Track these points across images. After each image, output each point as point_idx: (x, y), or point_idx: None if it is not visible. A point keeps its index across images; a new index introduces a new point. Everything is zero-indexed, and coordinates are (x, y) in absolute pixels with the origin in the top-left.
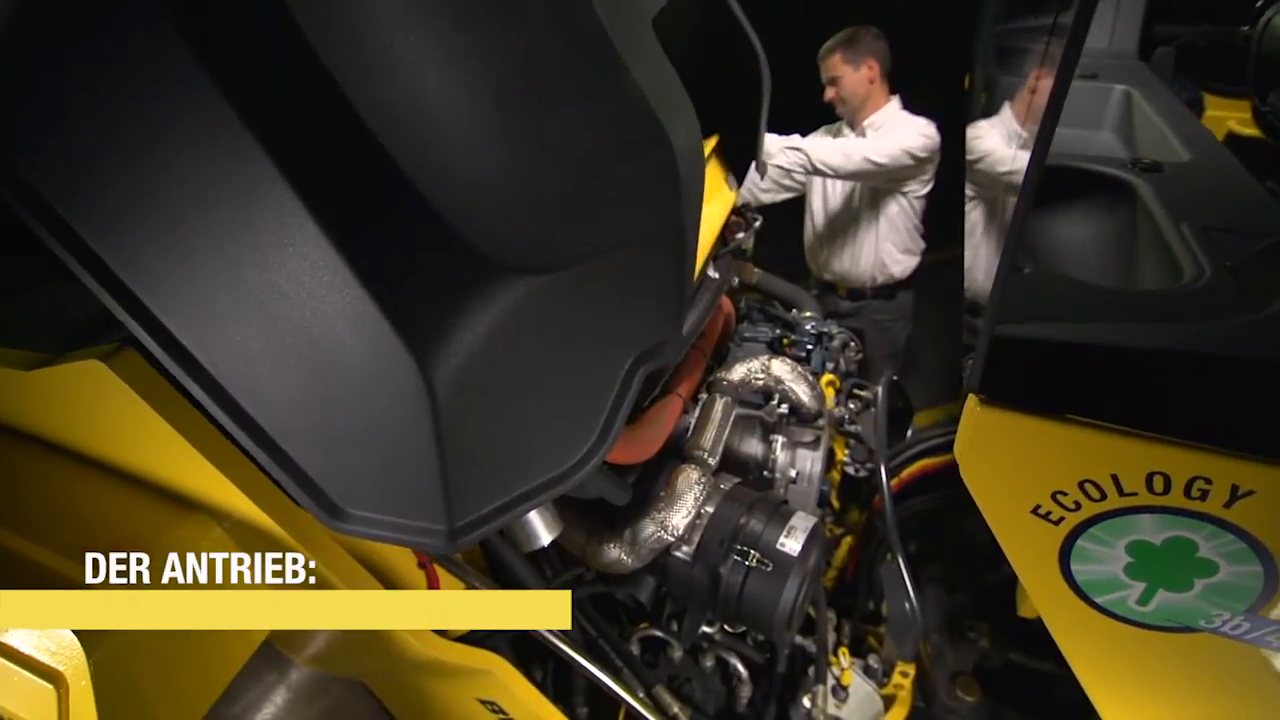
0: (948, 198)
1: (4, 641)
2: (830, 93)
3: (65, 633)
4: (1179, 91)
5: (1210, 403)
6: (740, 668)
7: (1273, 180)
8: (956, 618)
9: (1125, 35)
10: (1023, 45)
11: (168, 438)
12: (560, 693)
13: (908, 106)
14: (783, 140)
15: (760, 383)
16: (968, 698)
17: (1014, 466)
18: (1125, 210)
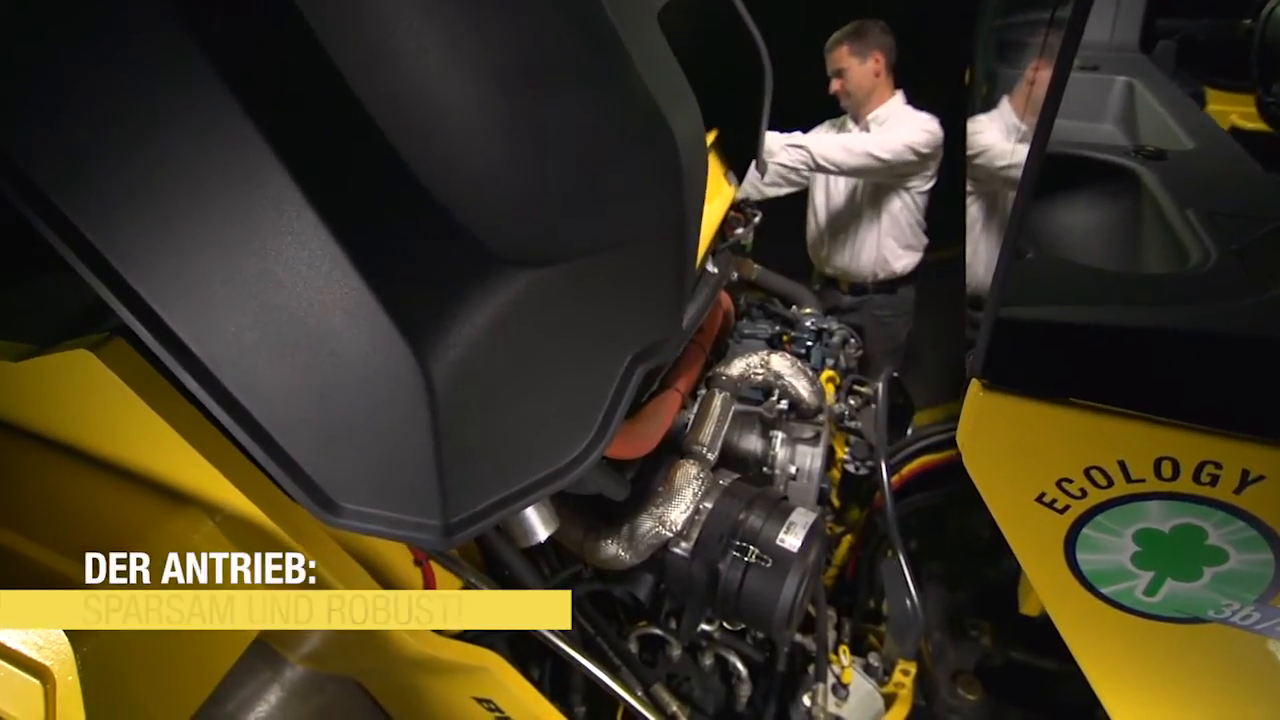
0: (950, 195)
1: None
2: (835, 85)
3: None
4: (1180, 86)
5: (1220, 385)
6: (739, 666)
7: (1278, 172)
8: (958, 615)
9: (1127, 28)
10: (1022, 39)
11: (158, 429)
12: (558, 691)
13: (910, 101)
14: (785, 137)
15: (759, 378)
16: (969, 696)
17: (1018, 453)
18: (1129, 198)
